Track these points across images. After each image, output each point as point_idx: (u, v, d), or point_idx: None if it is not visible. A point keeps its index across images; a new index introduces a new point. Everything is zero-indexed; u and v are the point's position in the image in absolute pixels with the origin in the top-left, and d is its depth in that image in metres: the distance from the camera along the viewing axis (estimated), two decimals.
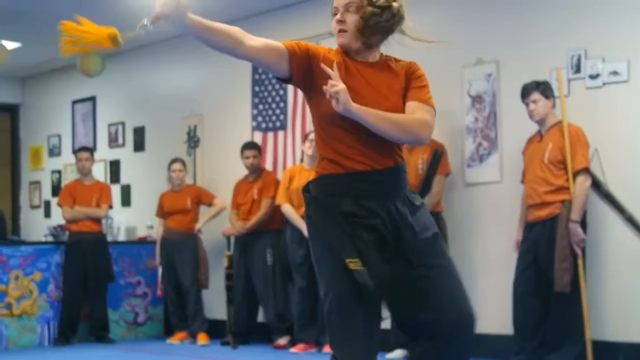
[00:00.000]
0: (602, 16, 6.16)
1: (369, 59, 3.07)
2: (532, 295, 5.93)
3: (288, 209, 7.35)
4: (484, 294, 6.44)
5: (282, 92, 8.25)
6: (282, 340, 7.65)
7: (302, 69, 2.96)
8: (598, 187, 5.87)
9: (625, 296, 5.99)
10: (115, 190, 9.57)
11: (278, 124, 8.29)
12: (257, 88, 8.51)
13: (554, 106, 5.96)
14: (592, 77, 6.15)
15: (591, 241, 5.92)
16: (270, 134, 8.35)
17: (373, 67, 3.06)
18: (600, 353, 5.87)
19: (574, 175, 5.78)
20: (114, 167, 10.23)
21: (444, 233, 6.40)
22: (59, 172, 11.09)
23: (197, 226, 8.37)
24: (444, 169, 6.59)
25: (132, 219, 9.68)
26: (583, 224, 5.79)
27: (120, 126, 10.17)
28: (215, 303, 8.51)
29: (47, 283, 8.39)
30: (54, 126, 11.21)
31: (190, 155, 9.14)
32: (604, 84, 6.11)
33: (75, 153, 9.13)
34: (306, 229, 3.12)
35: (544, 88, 5.95)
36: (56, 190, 10.78)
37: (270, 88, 8.39)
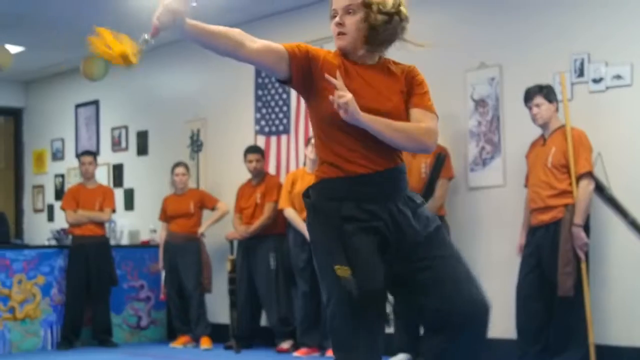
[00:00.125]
0: (605, 20, 6.15)
1: (368, 62, 3.08)
2: (535, 299, 5.92)
3: (291, 213, 7.35)
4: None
5: (285, 96, 8.25)
6: (285, 344, 7.65)
7: (302, 71, 2.97)
8: (601, 191, 5.86)
9: (628, 300, 5.98)
10: (118, 194, 9.58)
11: (281, 128, 8.29)
12: (260, 92, 8.51)
13: (557, 110, 5.96)
14: (595, 81, 6.15)
15: (594, 245, 5.92)
16: (273, 138, 8.35)
17: (372, 69, 3.07)
18: (603, 357, 5.86)
19: (577, 179, 5.77)
20: (117, 171, 10.23)
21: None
22: (62, 176, 11.10)
23: (200, 230, 8.37)
24: (447, 173, 6.59)
25: (135, 223, 9.68)
26: (586, 228, 5.78)
27: (123, 130, 10.17)
28: (218, 307, 8.51)
29: (50, 287, 8.39)
30: (57, 130, 11.22)
31: (193, 159, 9.14)
32: (607, 88, 6.10)
33: (78, 157, 9.13)
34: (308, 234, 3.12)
35: (547, 92, 5.94)
36: (59, 194, 10.79)
37: (273, 92, 8.39)
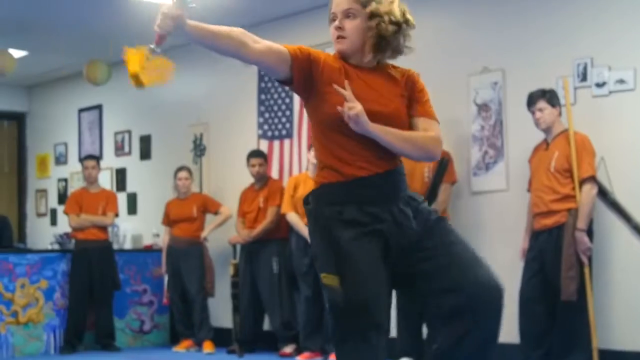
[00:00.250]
0: (609, 24, 6.15)
1: (367, 65, 3.08)
2: (538, 303, 5.92)
3: (293, 218, 7.35)
4: None
5: (288, 100, 8.26)
6: (288, 348, 7.64)
7: (303, 73, 2.97)
8: (604, 196, 5.85)
9: (632, 305, 5.97)
10: (121, 198, 9.58)
11: (284, 132, 8.30)
12: (263, 96, 8.51)
13: (560, 114, 5.95)
14: (599, 86, 6.15)
15: (597, 249, 5.91)
16: (276, 142, 8.36)
17: (372, 73, 3.07)
18: None
19: (580, 183, 5.77)
20: (120, 175, 10.24)
21: None
22: (65, 180, 11.11)
23: (203, 234, 8.38)
24: (450, 178, 6.59)
25: (138, 227, 9.69)
26: (589, 233, 5.77)
27: (126, 134, 10.18)
28: (221, 311, 8.50)
29: (53, 291, 8.40)
30: (61, 134, 11.23)
31: (196, 163, 9.15)
32: (610, 92, 6.10)
33: (81, 161, 9.14)
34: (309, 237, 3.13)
35: (550, 96, 5.94)
36: (62, 198, 10.80)
37: (276, 96, 8.40)
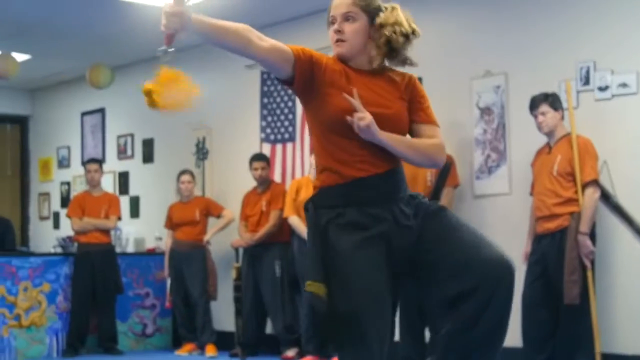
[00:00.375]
0: (611, 28, 6.15)
1: (367, 68, 3.08)
2: (541, 307, 5.91)
3: (295, 221, 7.35)
4: None
5: (291, 104, 8.26)
6: (291, 352, 7.64)
7: (305, 74, 2.98)
8: (607, 199, 5.85)
9: (635, 308, 5.97)
10: (124, 201, 9.59)
11: (287, 136, 8.30)
12: (266, 100, 8.52)
13: (563, 118, 5.95)
14: (601, 89, 6.14)
15: (600, 253, 5.90)
16: (278, 146, 8.36)
17: (372, 75, 3.08)
18: None
19: (583, 187, 5.76)
20: (123, 179, 10.24)
21: None
22: (68, 184, 11.12)
23: (206, 238, 8.38)
24: (453, 181, 6.59)
25: (141, 231, 9.69)
26: (592, 236, 5.77)
27: (129, 138, 10.19)
28: (223, 314, 8.50)
29: (56, 294, 8.40)
30: (63, 138, 11.24)
31: (199, 167, 9.15)
32: (613, 96, 6.10)
33: (84, 165, 9.14)
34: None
35: (553, 100, 5.94)
36: (65, 201, 10.81)
37: (279, 100, 8.40)
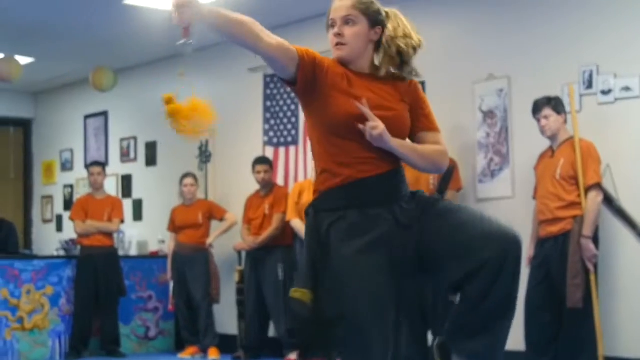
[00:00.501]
0: (614, 32, 6.15)
1: (367, 70, 3.09)
2: (544, 311, 5.91)
3: (297, 224, 7.35)
4: None
5: (294, 107, 8.27)
6: (293, 355, 7.64)
7: (307, 75, 2.98)
8: (610, 203, 5.85)
9: (638, 312, 5.96)
10: (127, 204, 9.59)
11: (290, 139, 8.30)
12: (269, 103, 8.52)
13: (566, 122, 5.95)
14: (604, 93, 6.15)
15: (603, 257, 5.90)
16: (281, 149, 8.36)
17: (372, 78, 3.09)
18: None
19: (586, 190, 5.76)
20: (126, 182, 10.25)
21: None
22: (71, 187, 11.12)
23: (209, 241, 8.38)
24: (456, 185, 6.59)
25: (144, 234, 9.69)
26: (595, 240, 5.77)
27: (132, 141, 10.20)
28: (226, 318, 8.50)
29: (59, 297, 8.40)
30: (67, 141, 11.25)
31: (202, 170, 9.15)
32: (616, 100, 6.10)
33: (87, 167, 9.15)
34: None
35: (556, 104, 5.94)
36: (68, 204, 10.81)
37: (282, 103, 8.41)
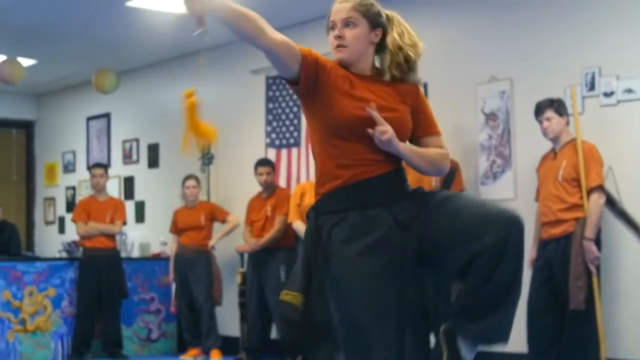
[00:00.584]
0: (617, 34, 6.15)
1: (368, 72, 3.10)
2: (547, 313, 5.90)
3: (299, 226, 7.35)
4: None
5: (296, 109, 8.27)
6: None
7: (310, 75, 2.98)
8: (612, 205, 5.84)
9: None
10: (129, 206, 9.60)
11: (292, 141, 8.31)
12: (271, 105, 8.52)
13: (568, 124, 5.95)
14: (607, 95, 6.14)
15: (605, 259, 5.90)
16: (284, 151, 8.36)
17: (373, 80, 3.09)
18: None
19: (588, 192, 5.76)
20: (128, 184, 10.25)
21: None
22: (74, 189, 11.13)
23: (211, 243, 8.38)
24: (458, 186, 6.58)
25: (146, 235, 9.70)
26: (597, 242, 5.77)
27: (134, 143, 10.20)
28: (228, 320, 8.50)
29: (61, 299, 8.41)
30: (69, 142, 11.26)
31: (204, 172, 9.15)
32: (619, 102, 6.10)
33: (89, 169, 9.16)
34: None
35: (558, 106, 5.94)
36: (70, 206, 10.82)
37: (284, 105, 8.41)
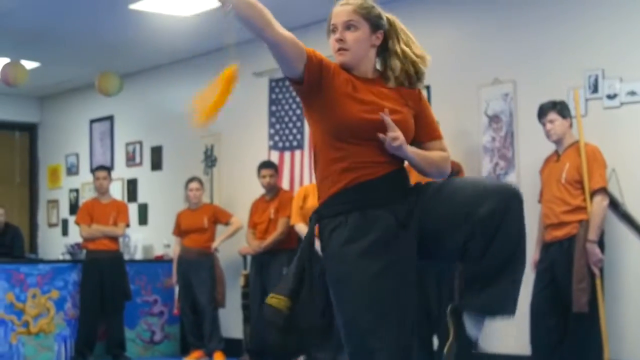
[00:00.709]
0: (620, 36, 6.15)
1: (369, 76, 3.09)
2: (550, 315, 5.90)
3: (302, 229, 7.34)
4: None
5: (299, 112, 8.27)
6: (299, 358, 7.64)
7: (314, 76, 2.98)
8: (615, 207, 5.84)
9: None
10: (132, 208, 9.60)
11: (295, 144, 8.31)
12: (274, 107, 8.53)
13: (571, 126, 5.95)
14: (610, 97, 6.14)
15: (609, 261, 5.89)
16: (287, 153, 8.37)
17: (375, 83, 3.09)
18: None
19: (591, 195, 5.75)
20: (132, 186, 10.26)
21: None
22: (77, 191, 11.14)
23: (214, 245, 8.38)
24: None
25: (149, 238, 9.70)
26: (601, 244, 5.76)
27: (137, 145, 10.21)
28: (231, 322, 8.50)
29: (64, 301, 8.41)
30: (72, 145, 11.27)
31: (207, 174, 9.16)
32: (622, 104, 6.09)
33: (92, 172, 9.16)
34: (319, 249, 3.13)
35: (561, 108, 5.93)
36: (74, 208, 10.82)
37: (287, 107, 8.41)
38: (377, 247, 2.93)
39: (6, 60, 9.01)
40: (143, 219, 10.05)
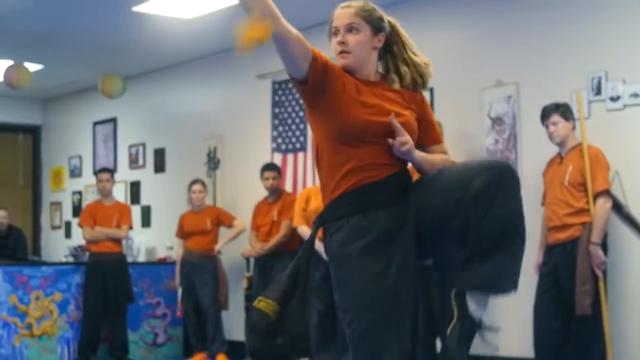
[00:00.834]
0: (623, 38, 6.14)
1: (371, 78, 3.09)
2: (553, 317, 5.89)
3: (304, 231, 7.33)
4: (505, 317, 6.40)
5: (302, 114, 8.27)
6: None
7: (318, 76, 2.97)
8: (619, 209, 5.83)
9: None
10: (135, 211, 9.61)
11: (298, 146, 8.31)
12: (277, 110, 8.53)
13: (574, 128, 5.94)
14: (613, 99, 6.14)
15: (612, 263, 5.89)
16: (290, 156, 8.37)
17: (377, 85, 3.09)
18: None
19: (595, 197, 5.75)
20: (135, 188, 10.27)
21: None
22: (80, 193, 11.15)
23: (217, 247, 8.38)
24: None
25: (152, 240, 9.71)
26: (604, 246, 5.75)
27: (140, 147, 10.22)
28: (234, 324, 8.50)
29: (68, 303, 8.42)
30: (75, 147, 11.28)
31: (210, 176, 9.16)
32: (625, 106, 6.09)
33: (95, 174, 9.16)
34: (324, 252, 3.12)
35: (564, 110, 5.93)
36: (77, 211, 10.84)
37: (290, 109, 8.42)
38: (377, 247, 2.93)
39: (10, 62, 9.02)
40: (146, 221, 10.06)
